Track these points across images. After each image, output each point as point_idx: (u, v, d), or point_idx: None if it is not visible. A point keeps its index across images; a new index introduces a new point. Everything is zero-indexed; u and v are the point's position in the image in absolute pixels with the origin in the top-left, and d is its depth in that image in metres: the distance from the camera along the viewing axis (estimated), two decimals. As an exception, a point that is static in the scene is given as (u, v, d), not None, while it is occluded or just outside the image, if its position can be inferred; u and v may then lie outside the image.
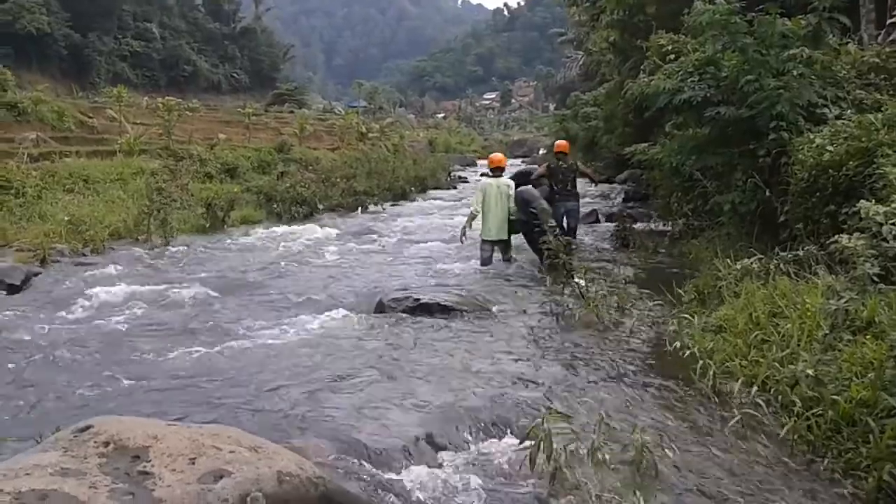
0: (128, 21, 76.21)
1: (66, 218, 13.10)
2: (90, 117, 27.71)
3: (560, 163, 12.88)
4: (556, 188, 12.68)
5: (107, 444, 2.96)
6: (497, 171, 11.32)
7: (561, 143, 13.95)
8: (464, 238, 11.27)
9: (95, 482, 2.71)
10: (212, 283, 9.73)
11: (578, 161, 14.46)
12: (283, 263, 11.64)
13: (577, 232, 13.13)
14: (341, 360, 6.36)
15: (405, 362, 6.26)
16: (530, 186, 11.71)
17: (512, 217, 10.74)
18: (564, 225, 12.60)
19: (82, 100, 37.42)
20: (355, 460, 4.14)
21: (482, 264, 10.87)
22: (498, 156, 11.87)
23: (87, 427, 3.11)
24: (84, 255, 11.87)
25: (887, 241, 5.26)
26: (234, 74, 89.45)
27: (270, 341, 7.06)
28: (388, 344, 6.87)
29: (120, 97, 27.07)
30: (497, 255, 11.00)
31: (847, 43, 10.64)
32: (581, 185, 13.96)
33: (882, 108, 8.07)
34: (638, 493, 3.78)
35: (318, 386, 5.63)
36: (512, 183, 11.29)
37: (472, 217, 11.08)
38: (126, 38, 74.98)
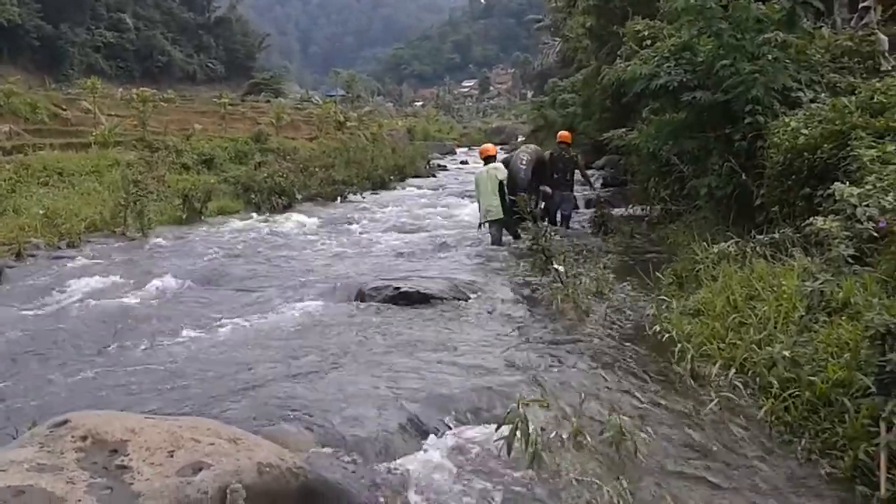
0: (101, 12, 75.36)
1: (40, 211, 12.96)
2: (64, 109, 27.41)
3: (562, 153, 13.03)
4: (555, 176, 12.86)
5: (84, 438, 2.94)
6: (488, 159, 12.11)
7: (564, 133, 14.08)
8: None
9: (73, 477, 2.69)
10: (189, 274, 9.66)
11: (579, 155, 14.43)
12: (261, 254, 11.58)
13: (571, 221, 13.27)
14: (321, 349, 6.35)
15: (385, 351, 6.26)
16: (520, 157, 12.05)
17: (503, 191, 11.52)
18: (558, 213, 12.95)
19: (56, 92, 36.91)
20: (336, 450, 4.14)
21: (493, 244, 11.60)
22: (487, 146, 12.82)
23: (64, 422, 3.09)
24: (60, 248, 11.75)
25: (861, 223, 5.31)
26: (210, 64, 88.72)
27: (249, 332, 7.03)
28: (367, 333, 6.86)
29: (94, 89, 26.81)
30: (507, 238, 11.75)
31: (821, 27, 10.72)
32: None
33: (855, 91, 8.15)
34: (620, 477, 3.81)
35: (297, 376, 5.62)
36: (501, 166, 11.96)
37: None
38: (99, 29, 74.19)
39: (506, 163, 12.47)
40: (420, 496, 3.79)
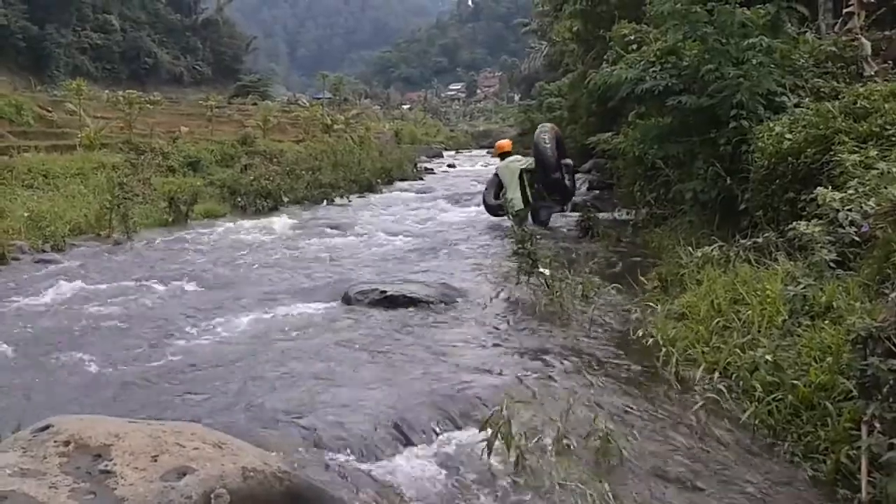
0: (87, 13, 74.85)
1: (25, 214, 12.86)
2: (49, 111, 27.21)
3: None
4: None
5: (67, 443, 2.93)
6: (504, 154, 12.97)
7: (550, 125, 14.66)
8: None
9: (56, 482, 2.68)
10: (175, 277, 9.63)
11: None
12: (247, 257, 11.56)
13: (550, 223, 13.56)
14: (306, 353, 6.34)
15: (370, 355, 6.26)
16: (542, 137, 12.76)
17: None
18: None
19: (41, 93, 36.67)
20: (321, 454, 4.14)
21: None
22: (502, 143, 14.17)
23: (47, 426, 3.07)
24: (44, 251, 11.67)
25: (843, 228, 5.36)
26: (197, 66, 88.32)
27: (234, 336, 7.02)
28: (353, 337, 6.85)
29: (79, 90, 26.60)
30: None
31: (805, 32, 10.79)
32: None
33: (839, 96, 8.21)
34: (603, 480, 3.83)
35: (282, 380, 5.61)
36: (521, 157, 12.78)
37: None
38: (85, 31, 73.70)
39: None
40: (405, 500, 3.79)
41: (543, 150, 12.54)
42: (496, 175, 13.06)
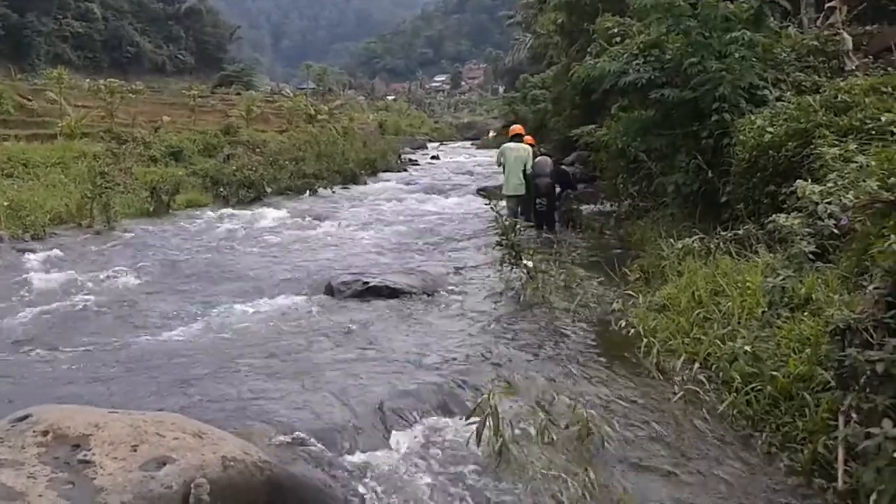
0: (68, 1, 74.08)
1: (4, 203, 12.74)
2: (29, 100, 27.01)
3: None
4: None
5: (46, 433, 2.92)
6: (516, 137, 12.91)
7: (527, 137, 14.80)
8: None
9: (34, 472, 2.67)
10: (156, 268, 9.59)
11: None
12: (229, 248, 11.51)
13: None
14: (288, 344, 6.33)
15: (353, 345, 6.26)
16: (547, 159, 13.01)
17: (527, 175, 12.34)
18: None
19: (21, 82, 36.35)
20: (302, 444, 4.13)
21: (509, 216, 11.10)
22: (517, 126, 14.16)
23: (26, 416, 3.06)
24: (24, 240, 11.57)
25: (822, 220, 5.40)
26: (179, 56, 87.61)
27: (216, 326, 6.99)
28: (336, 327, 6.85)
29: (60, 79, 26.37)
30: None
31: (787, 26, 10.85)
32: None
33: (820, 90, 8.27)
34: (584, 469, 3.86)
35: (264, 370, 5.60)
36: (529, 148, 12.74)
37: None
38: (66, 19, 72.91)
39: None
40: (387, 489, 3.80)
41: (543, 168, 12.65)
42: (500, 152, 13.09)
